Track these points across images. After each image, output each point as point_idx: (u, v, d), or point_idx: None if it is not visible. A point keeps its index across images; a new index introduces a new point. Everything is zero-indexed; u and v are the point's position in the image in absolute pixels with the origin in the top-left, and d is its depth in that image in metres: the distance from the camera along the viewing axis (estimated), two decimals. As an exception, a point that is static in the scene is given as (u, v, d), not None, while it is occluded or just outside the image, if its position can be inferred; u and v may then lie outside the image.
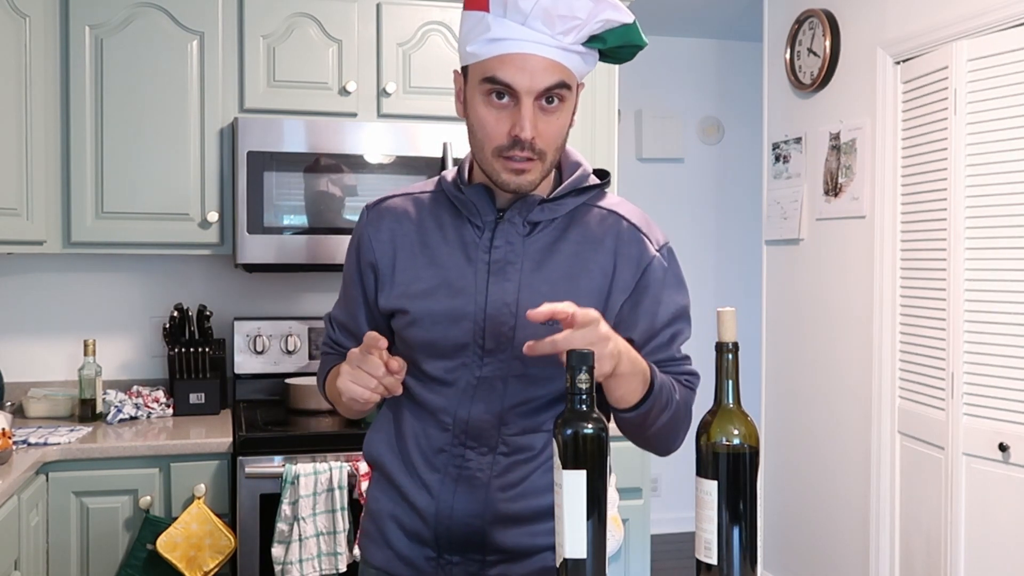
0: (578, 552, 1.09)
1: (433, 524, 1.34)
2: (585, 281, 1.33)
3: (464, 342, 1.32)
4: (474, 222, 1.35)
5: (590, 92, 3.08)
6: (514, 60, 1.22)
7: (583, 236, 1.35)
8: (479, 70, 1.26)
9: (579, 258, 1.34)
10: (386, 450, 1.40)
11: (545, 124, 1.26)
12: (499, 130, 1.25)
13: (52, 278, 3.04)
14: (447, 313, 1.32)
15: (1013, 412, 2.60)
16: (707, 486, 1.10)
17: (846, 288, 3.37)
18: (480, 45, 1.24)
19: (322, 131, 2.80)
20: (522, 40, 1.22)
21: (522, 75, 1.22)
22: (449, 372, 1.33)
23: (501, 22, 1.22)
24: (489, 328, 1.31)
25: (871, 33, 3.23)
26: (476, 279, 1.32)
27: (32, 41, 2.61)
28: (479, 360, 1.32)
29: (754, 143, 4.52)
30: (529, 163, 1.26)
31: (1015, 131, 2.60)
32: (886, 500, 3.16)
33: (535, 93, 1.23)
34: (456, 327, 1.32)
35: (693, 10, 4.23)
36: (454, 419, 1.33)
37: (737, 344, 1.12)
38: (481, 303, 1.31)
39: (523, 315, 1.25)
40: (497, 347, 1.31)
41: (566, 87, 1.26)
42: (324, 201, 2.80)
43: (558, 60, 1.24)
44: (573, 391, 1.10)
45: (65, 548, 2.43)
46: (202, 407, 2.86)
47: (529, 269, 1.32)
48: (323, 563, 2.41)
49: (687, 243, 4.73)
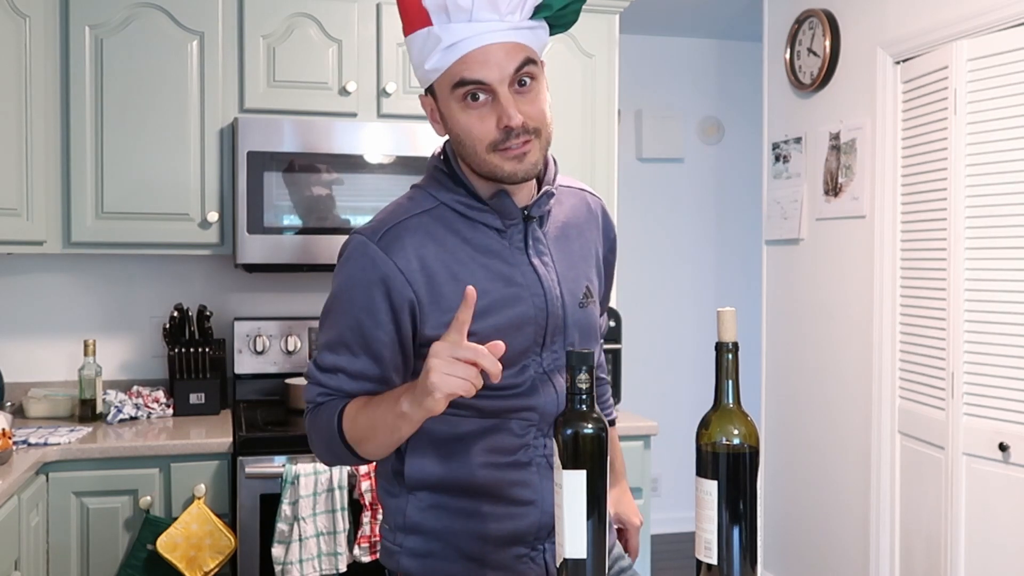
0: (578, 552, 1.09)
1: (538, 516, 1.34)
2: (591, 258, 1.44)
3: (527, 346, 1.33)
4: (494, 226, 1.33)
5: (590, 92, 3.09)
6: (475, 57, 1.22)
7: (574, 217, 1.44)
8: (446, 80, 1.25)
9: (581, 238, 1.43)
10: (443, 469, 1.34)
11: (528, 104, 1.26)
12: (486, 127, 1.25)
13: (52, 278, 3.04)
14: (511, 323, 1.31)
15: (1013, 412, 2.60)
16: (707, 486, 1.10)
17: (846, 288, 3.37)
18: (438, 58, 1.24)
19: (322, 131, 2.80)
20: (475, 36, 1.22)
21: (488, 68, 1.22)
22: (514, 377, 1.32)
23: (449, 28, 1.22)
24: (550, 325, 1.34)
25: (871, 33, 3.23)
26: (526, 280, 1.33)
27: (32, 41, 2.61)
28: (539, 357, 1.35)
29: (754, 143, 4.52)
30: (527, 145, 1.27)
31: (1015, 131, 2.60)
32: (886, 500, 3.16)
33: (507, 80, 1.23)
34: (520, 333, 1.32)
35: (693, 10, 4.23)
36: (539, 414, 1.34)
37: (737, 344, 1.12)
38: (540, 303, 1.33)
39: (568, 304, 1.36)
40: (553, 341, 1.35)
41: (532, 63, 1.26)
42: (324, 201, 2.80)
43: (516, 40, 1.24)
44: (573, 391, 1.10)
45: (65, 548, 2.43)
46: (202, 407, 2.86)
47: (558, 259, 1.38)
48: (323, 563, 2.41)
49: (687, 243, 4.73)
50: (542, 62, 1.30)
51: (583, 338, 1.39)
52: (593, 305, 1.42)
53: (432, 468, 1.34)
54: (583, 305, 1.38)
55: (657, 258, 4.69)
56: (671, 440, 4.02)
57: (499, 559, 1.34)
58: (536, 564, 1.36)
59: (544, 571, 1.36)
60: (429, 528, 1.35)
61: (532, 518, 1.34)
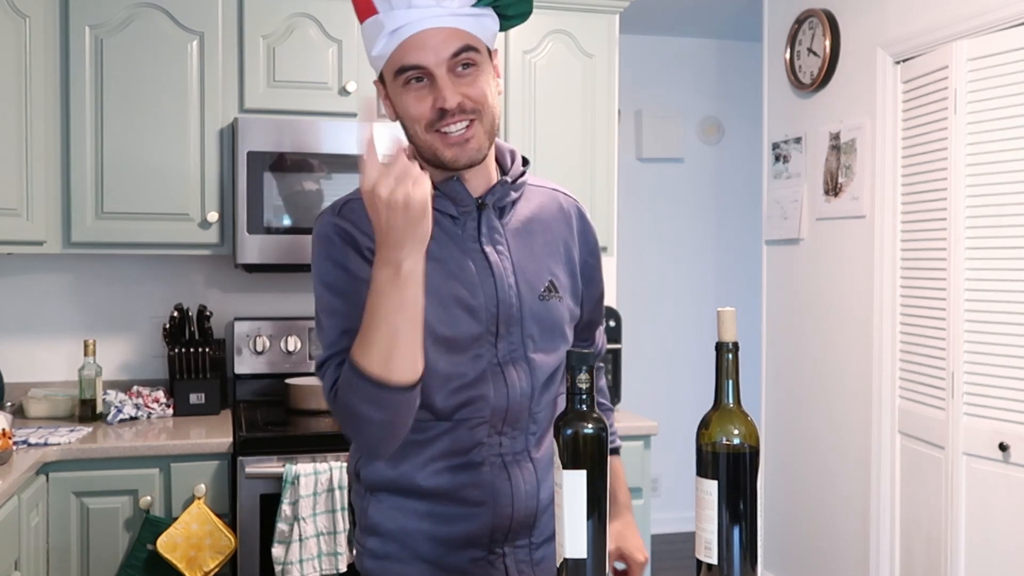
0: (578, 552, 1.09)
1: (490, 517, 1.32)
2: (559, 255, 1.42)
3: (479, 333, 1.31)
4: (448, 212, 1.33)
5: (590, 92, 3.08)
6: (414, 42, 1.23)
7: (543, 214, 1.42)
8: (390, 66, 1.27)
9: (547, 233, 1.41)
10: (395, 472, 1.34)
11: (466, 87, 1.26)
12: (422, 108, 1.26)
13: (52, 278, 3.04)
14: (461, 307, 1.30)
15: (1013, 412, 2.60)
16: (707, 486, 1.10)
17: (846, 288, 3.37)
18: (382, 44, 1.25)
19: (322, 131, 2.80)
20: (415, 21, 1.23)
21: (425, 52, 1.23)
22: (466, 365, 1.31)
23: (391, 15, 1.23)
24: (502, 313, 1.32)
25: (871, 33, 3.23)
26: (477, 268, 1.33)
27: (32, 41, 2.61)
28: (493, 347, 1.32)
29: (754, 143, 4.52)
30: (469, 129, 1.27)
31: (1015, 131, 2.60)
32: (886, 500, 3.16)
33: (444, 64, 1.24)
34: (470, 318, 1.31)
35: (693, 10, 4.23)
36: (491, 408, 1.32)
37: (737, 344, 1.12)
38: (490, 291, 1.32)
39: (525, 295, 1.34)
40: (508, 331, 1.33)
41: (473, 50, 1.26)
42: (324, 201, 2.80)
43: (454, 26, 1.24)
44: (573, 391, 1.10)
45: (65, 548, 2.43)
46: (202, 407, 2.86)
47: (515, 250, 1.36)
48: (323, 563, 2.41)
49: (687, 243, 4.73)
50: (491, 50, 1.31)
51: (543, 331, 1.36)
52: (557, 300, 1.38)
53: (385, 471, 1.34)
54: (543, 298, 1.36)
55: (657, 258, 4.69)
56: (671, 440, 4.02)
57: (454, 562, 1.33)
58: (495, 568, 1.34)
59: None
60: (386, 530, 1.35)
61: (484, 519, 1.32)
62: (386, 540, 1.34)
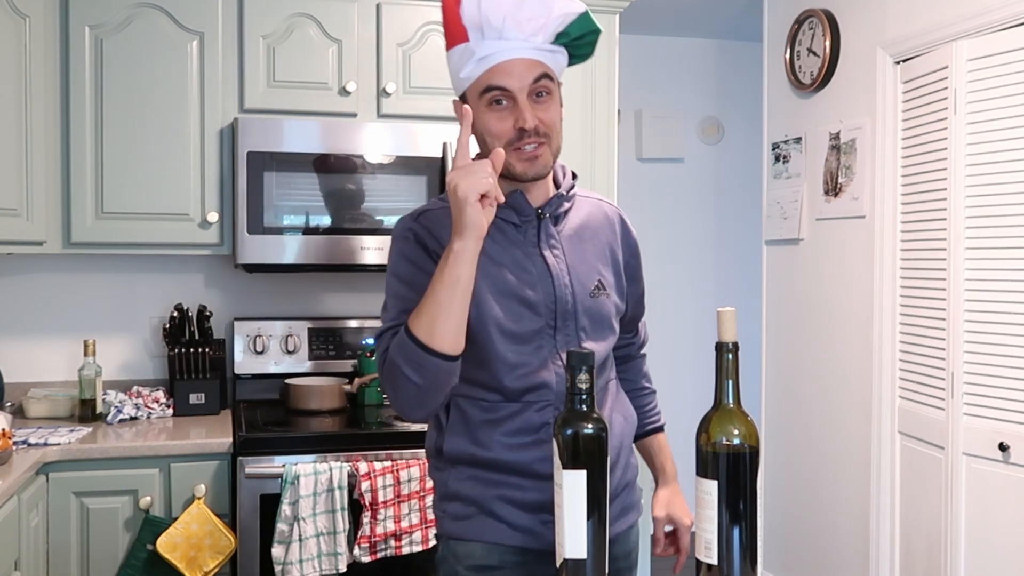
0: (578, 552, 1.09)
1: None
2: (606, 257, 1.62)
3: (539, 327, 1.51)
4: (511, 221, 1.54)
5: (590, 92, 3.09)
6: (503, 68, 1.45)
7: (592, 222, 1.63)
8: (477, 87, 1.47)
9: (596, 240, 1.62)
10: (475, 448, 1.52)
11: (542, 112, 1.47)
12: (504, 127, 1.46)
13: (52, 278, 3.04)
14: (524, 304, 1.51)
15: (1013, 412, 2.60)
16: (707, 486, 1.10)
17: (846, 288, 3.37)
18: (472, 67, 1.46)
19: (322, 131, 2.80)
20: (504, 51, 1.44)
21: (511, 77, 1.45)
22: (530, 355, 1.50)
23: (483, 43, 1.45)
24: (559, 309, 1.52)
25: (871, 33, 3.23)
26: (537, 269, 1.53)
27: (32, 41, 2.61)
28: (552, 339, 1.52)
29: (754, 143, 4.52)
30: (539, 148, 1.48)
31: (1015, 131, 2.60)
32: (886, 500, 3.16)
33: (526, 89, 1.45)
34: (532, 314, 1.51)
35: (693, 10, 4.23)
36: (554, 392, 1.50)
37: (737, 344, 1.12)
38: (548, 289, 1.52)
39: (578, 292, 1.54)
40: (564, 324, 1.53)
41: (549, 78, 1.48)
42: (324, 201, 2.80)
43: (536, 58, 1.46)
44: (573, 391, 1.10)
45: (65, 548, 2.43)
46: (202, 407, 2.86)
47: (569, 253, 1.57)
48: (323, 563, 2.41)
49: (687, 243, 4.73)
50: (559, 82, 1.52)
51: (594, 324, 1.56)
52: (605, 297, 1.58)
53: (465, 447, 1.52)
54: (594, 295, 1.56)
55: (657, 258, 4.68)
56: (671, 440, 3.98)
57: (526, 524, 1.50)
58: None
59: None
60: (465, 495, 1.53)
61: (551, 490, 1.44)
62: (467, 504, 1.53)
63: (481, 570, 1.51)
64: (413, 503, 2.50)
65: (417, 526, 2.50)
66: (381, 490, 2.46)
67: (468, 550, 1.52)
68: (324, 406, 2.88)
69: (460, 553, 1.53)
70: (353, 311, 3.25)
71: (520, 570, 1.50)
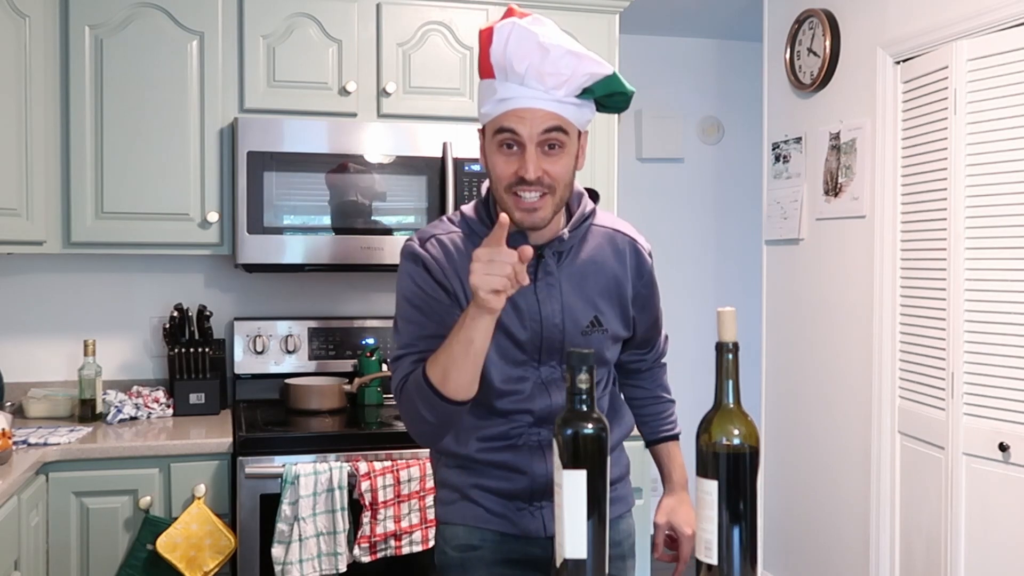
0: (578, 552, 1.09)
1: (528, 483, 1.61)
2: (609, 291, 1.66)
3: (524, 359, 1.60)
4: None
5: (590, 92, 3.08)
6: (517, 113, 1.48)
7: (598, 255, 1.65)
8: (492, 125, 1.51)
9: (601, 274, 1.65)
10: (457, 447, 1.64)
11: (549, 164, 1.49)
12: (507, 170, 1.50)
13: (52, 278, 3.04)
14: (510, 339, 1.57)
15: (1013, 412, 2.60)
16: (707, 486, 1.11)
17: (846, 288, 3.37)
18: (491, 106, 1.50)
19: (322, 131, 2.80)
20: (521, 97, 1.47)
21: (523, 124, 1.47)
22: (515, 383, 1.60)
23: (505, 85, 1.48)
24: (544, 346, 1.59)
25: (871, 33, 3.23)
26: (527, 306, 1.58)
27: (32, 41, 2.61)
28: (536, 370, 1.61)
29: (754, 143, 4.52)
30: (541, 200, 1.50)
31: (1015, 131, 2.60)
32: (886, 500, 3.16)
33: (535, 139, 1.47)
34: (518, 348, 1.59)
35: (693, 10, 4.23)
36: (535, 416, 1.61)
37: (737, 344, 1.12)
38: (536, 327, 1.58)
39: (569, 330, 1.60)
40: (549, 358, 1.61)
41: (562, 132, 1.49)
42: (324, 201, 2.80)
43: (552, 110, 1.48)
44: (573, 391, 1.10)
45: (65, 548, 2.43)
46: (202, 407, 2.86)
47: (567, 292, 1.60)
48: (323, 563, 2.41)
49: (687, 243, 4.73)
50: (582, 132, 1.55)
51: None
52: (600, 333, 1.64)
53: (452, 445, 1.66)
54: (586, 333, 1.61)
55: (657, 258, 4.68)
56: (671, 440, 4.01)
57: (501, 510, 1.64)
58: (534, 517, 1.63)
59: (542, 525, 1.63)
60: (451, 483, 1.68)
61: (523, 483, 1.63)
62: (452, 491, 1.67)
63: (464, 549, 1.64)
64: (413, 503, 2.50)
65: (417, 526, 2.50)
66: (381, 490, 2.46)
67: (453, 532, 1.66)
68: (324, 406, 2.88)
69: (447, 535, 1.67)
70: (354, 311, 3.25)
71: (498, 549, 1.63)
